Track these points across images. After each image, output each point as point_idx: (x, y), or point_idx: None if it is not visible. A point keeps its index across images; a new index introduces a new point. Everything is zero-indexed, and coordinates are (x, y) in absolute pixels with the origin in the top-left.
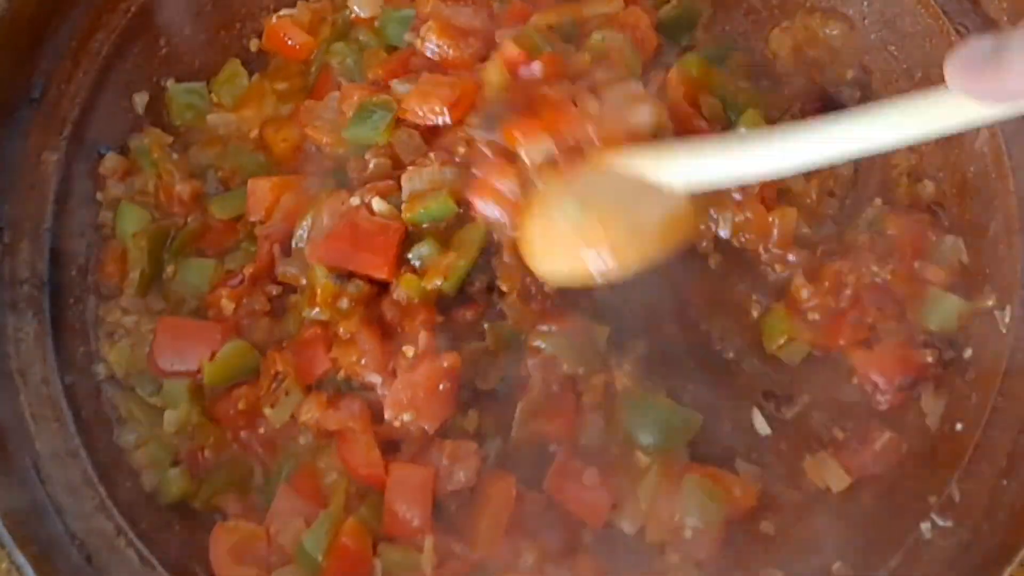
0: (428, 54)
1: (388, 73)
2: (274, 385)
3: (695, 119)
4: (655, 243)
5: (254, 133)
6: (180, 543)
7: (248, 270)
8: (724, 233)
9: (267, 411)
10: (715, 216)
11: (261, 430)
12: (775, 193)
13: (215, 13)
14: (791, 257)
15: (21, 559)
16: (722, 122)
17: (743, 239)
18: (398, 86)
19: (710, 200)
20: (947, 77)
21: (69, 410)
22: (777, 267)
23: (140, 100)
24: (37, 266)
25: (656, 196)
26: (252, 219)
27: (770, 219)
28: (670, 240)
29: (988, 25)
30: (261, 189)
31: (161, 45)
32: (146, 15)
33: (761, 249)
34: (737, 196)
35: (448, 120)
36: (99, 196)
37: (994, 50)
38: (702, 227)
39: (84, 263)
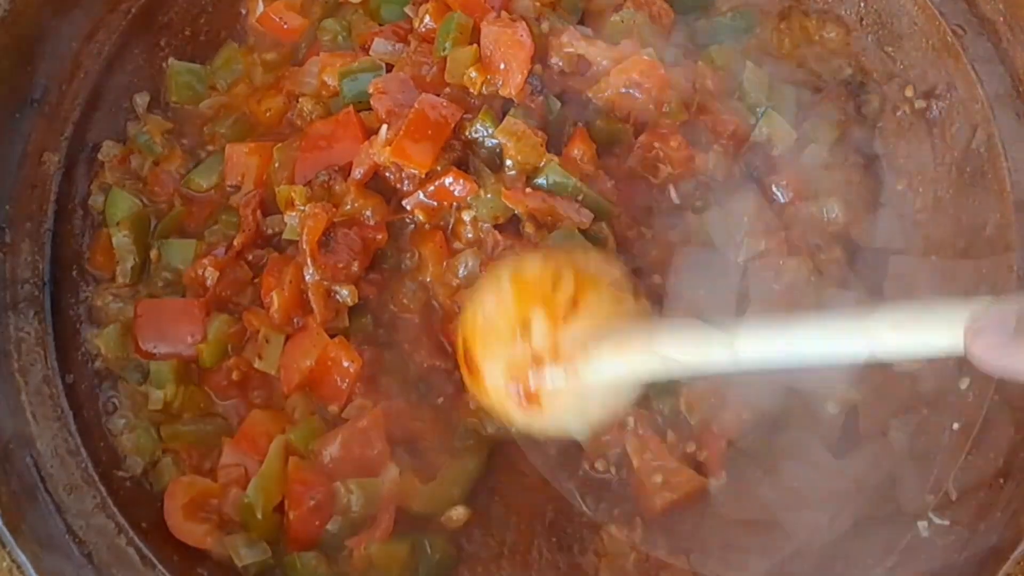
0: (423, 30)
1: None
2: (255, 340)
3: (723, 114)
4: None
5: (244, 108)
6: (181, 541)
7: (238, 239)
8: None
9: (257, 364)
10: None
11: (256, 400)
12: None
13: (217, 13)
14: None
15: (22, 557)
16: (746, 118)
17: None
18: (381, 46)
19: None
20: (968, 351)
21: (70, 409)
22: None
23: (141, 101)
24: (38, 266)
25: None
26: (229, 183)
27: None
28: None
29: (984, 26)
30: (238, 154)
31: (162, 46)
32: (147, 16)
33: None
34: None
35: (421, 176)
36: (93, 185)
37: (1020, 322)
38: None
39: (85, 263)
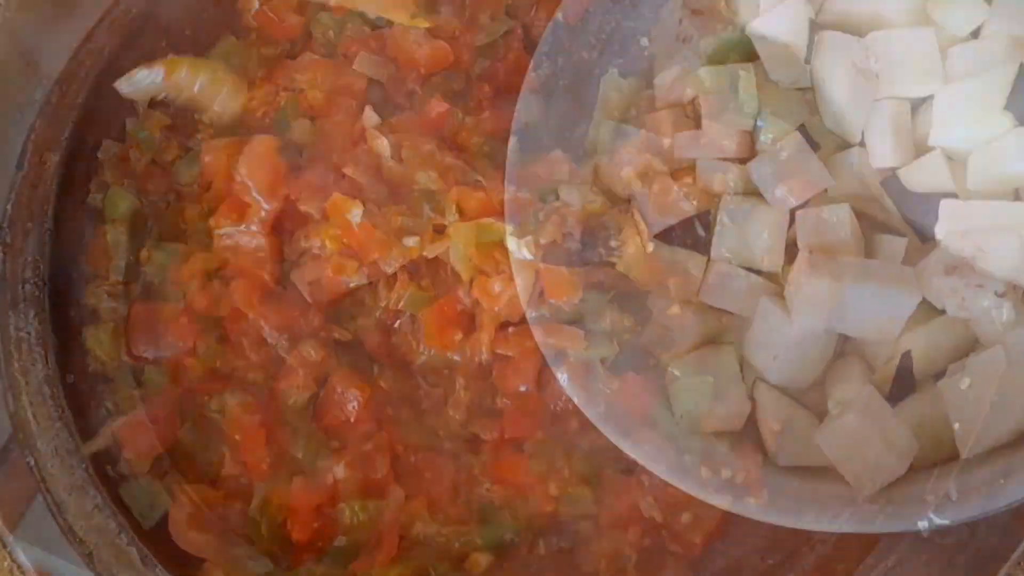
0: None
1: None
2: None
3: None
4: None
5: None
6: None
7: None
8: None
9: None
10: None
11: None
12: None
13: (218, 13)
14: None
15: (22, 557)
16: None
17: None
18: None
19: None
20: None
21: (70, 410)
22: None
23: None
24: (38, 266)
25: None
26: (205, 181)
27: None
28: None
29: None
30: (214, 150)
31: (163, 46)
32: (147, 16)
33: None
34: None
35: None
36: (92, 184)
37: None
38: None
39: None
